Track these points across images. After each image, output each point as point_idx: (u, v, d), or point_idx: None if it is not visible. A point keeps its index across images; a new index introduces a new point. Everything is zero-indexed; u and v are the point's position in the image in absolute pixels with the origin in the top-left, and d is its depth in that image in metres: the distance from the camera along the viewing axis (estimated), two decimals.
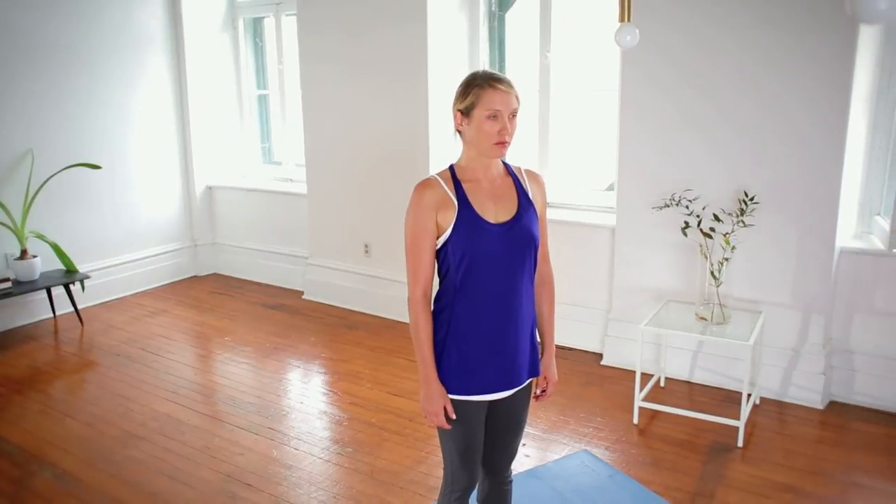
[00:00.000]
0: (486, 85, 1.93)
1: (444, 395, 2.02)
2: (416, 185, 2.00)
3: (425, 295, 2.01)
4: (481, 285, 1.97)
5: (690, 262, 3.89)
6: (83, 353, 4.64)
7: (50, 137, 5.14)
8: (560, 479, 3.08)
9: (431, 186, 1.97)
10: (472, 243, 1.94)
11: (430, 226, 1.96)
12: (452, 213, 1.95)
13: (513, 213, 2.00)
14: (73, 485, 3.10)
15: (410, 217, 1.99)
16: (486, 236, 1.95)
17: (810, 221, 3.58)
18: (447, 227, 1.95)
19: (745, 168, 3.68)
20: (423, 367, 2.02)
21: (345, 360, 4.42)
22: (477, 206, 1.96)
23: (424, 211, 1.96)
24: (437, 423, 2.04)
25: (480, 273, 1.96)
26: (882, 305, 3.59)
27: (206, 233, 6.30)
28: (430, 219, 1.95)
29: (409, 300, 2.01)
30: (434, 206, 1.95)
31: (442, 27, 4.67)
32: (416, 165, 4.73)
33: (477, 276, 1.96)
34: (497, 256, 1.96)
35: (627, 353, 4.12)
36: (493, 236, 1.96)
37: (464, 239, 1.94)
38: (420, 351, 2.02)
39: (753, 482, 3.02)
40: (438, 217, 1.95)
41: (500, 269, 1.98)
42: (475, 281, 1.97)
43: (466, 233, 1.94)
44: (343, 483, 3.09)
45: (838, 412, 3.63)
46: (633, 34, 2.14)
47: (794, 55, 3.45)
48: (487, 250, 1.95)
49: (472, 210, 1.95)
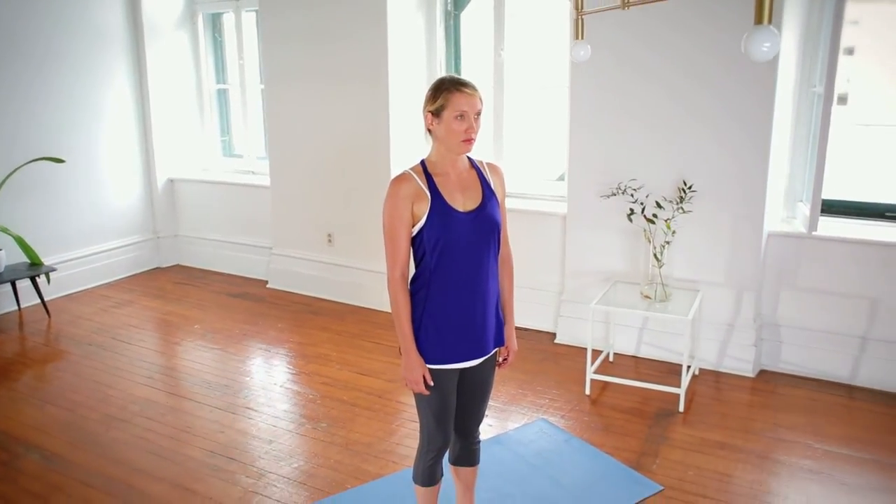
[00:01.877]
0: (454, 89, 2.19)
1: (423, 365, 2.28)
2: (392, 179, 2.25)
3: (403, 276, 2.26)
4: (453, 267, 2.23)
5: (635, 245, 4.23)
6: (55, 343, 4.74)
7: (11, 132, 5.19)
8: (521, 444, 3.38)
9: (406, 180, 2.22)
10: (444, 230, 2.20)
11: (405, 215, 2.21)
12: (426, 203, 2.20)
13: (478, 203, 2.27)
14: (62, 465, 3.26)
15: (388, 207, 2.23)
16: (455, 223, 2.21)
17: (741, 208, 3.95)
18: (422, 217, 2.20)
19: (684, 160, 4.03)
20: (404, 341, 2.27)
21: (312, 344, 4.63)
22: (447, 196, 2.22)
23: (400, 201, 2.20)
24: (417, 390, 2.30)
25: (452, 256, 2.22)
26: (805, 283, 4.00)
27: (168, 225, 6.40)
28: (405, 209, 2.20)
29: (389, 281, 2.26)
30: (409, 198, 2.20)
31: (401, 26, 4.90)
32: (378, 157, 4.95)
33: (449, 259, 2.22)
34: (466, 241, 2.23)
35: (579, 332, 4.44)
36: (461, 223, 2.22)
37: (437, 227, 2.20)
38: (400, 327, 2.27)
39: (693, 441, 3.38)
40: (414, 207, 2.20)
41: (469, 252, 2.24)
42: (447, 263, 2.23)
43: (439, 221, 2.20)
44: (321, 454, 3.32)
45: (767, 379, 4.02)
46: (586, 50, 2.45)
47: (725, 62, 3.80)
48: (457, 236, 2.21)
49: (444, 200, 2.21)
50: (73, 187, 5.64)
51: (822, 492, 2.99)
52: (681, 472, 3.12)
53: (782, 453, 3.28)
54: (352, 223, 5.27)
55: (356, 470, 3.19)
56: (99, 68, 5.71)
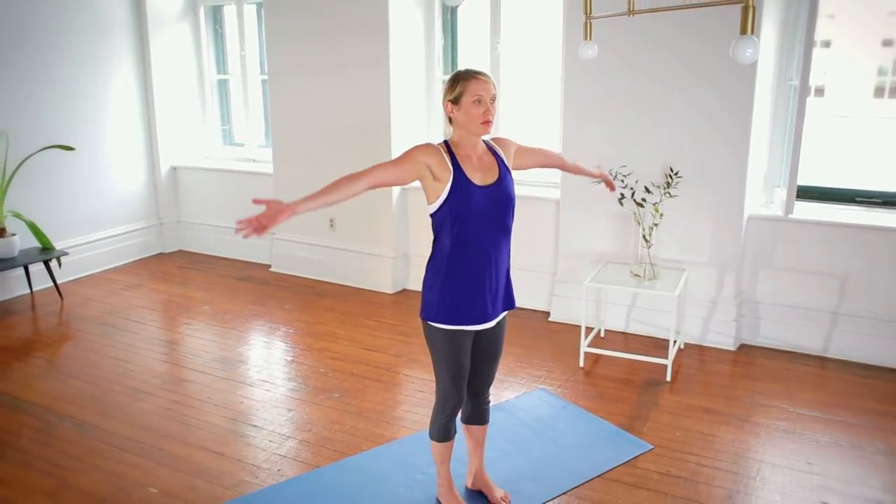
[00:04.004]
0: (471, 77, 2.47)
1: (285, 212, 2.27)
2: (421, 144, 2.49)
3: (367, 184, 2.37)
4: (471, 236, 2.49)
5: (625, 228, 4.52)
6: (71, 324, 4.94)
7: (23, 120, 5.36)
8: (522, 411, 3.66)
9: (433, 150, 2.47)
10: (465, 203, 2.46)
11: (414, 168, 2.43)
12: (448, 176, 2.44)
13: (495, 179, 2.53)
14: (94, 432, 3.48)
15: (411, 150, 2.46)
16: (474, 197, 2.47)
17: (724, 193, 4.24)
18: (442, 191, 2.44)
19: (671, 148, 4.31)
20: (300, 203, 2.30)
21: (319, 323, 4.88)
22: (468, 172, 2.48)
23: (420, 156, 2.44)
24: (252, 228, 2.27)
25: (470, 226, 2.48)
26: (781, 262, 4.31)
27: (172, 211, 6.59)
28: (419, 164, 2.43)
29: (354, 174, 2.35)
30: (426, 164, 2.43)
31: (401, 19, 5.14)
32: (380, 144, 5.19)
33: (468, 230, 2.48)
34: (483, 213, 2.49)
35: (571, 310, 4.73)
36: (480, 196, 2.48)
37: (458, 199, 2.45)
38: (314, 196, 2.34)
39: (679, 406, 3.68)
40: (434, 172, 2.43)
41: (486, 222, 2.50)
42: (466, 232, 2.48)
43: (460, 195, 2.45)
44: (337, 421, 3.58)
45: (746, 352, 4.33)
46: (594, 49, 2.72)
47: (710, 58, 4.09)
48: (476, 208, 2.47)
49: (465, 175, 2.47)
50: (80, 175, 5.82)
51: (796, 448, 3.30)
52: (669, 433, 3.41)
53: (760, 416, 3.59)
54: (353, 208, 5.48)
55: (371, 434, 3.45)
56: (105, 59, 5.88)
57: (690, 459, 3.20)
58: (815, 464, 3.17)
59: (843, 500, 2.92)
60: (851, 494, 2.95)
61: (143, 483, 3.07)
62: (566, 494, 2.98)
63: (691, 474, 3.09)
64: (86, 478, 3.11)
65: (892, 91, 10.26)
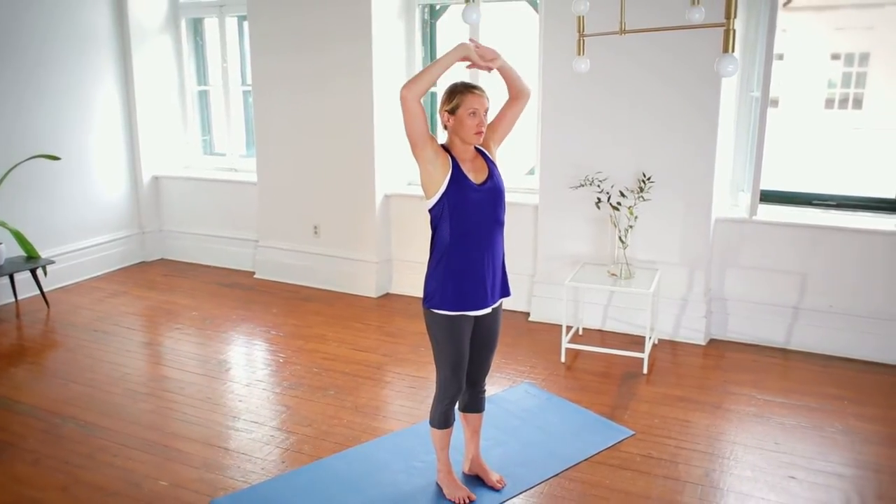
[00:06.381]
0: (467, 91, 2.70)
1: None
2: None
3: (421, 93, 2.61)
4: (468, 228, 2.73)
5: (601, 230, 4.78)
6: (62, 330, 5.00)
7: (6, 131, 5.42)
8: (509, 402, 3.87)
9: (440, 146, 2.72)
10: (462, 197, 2.70)
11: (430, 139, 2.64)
12: (447, 169, 2.68)
13: (486, 177, 2.77)
14: (99, 431, 3.59)
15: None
16: (469, 192, 2.71)
17: (692, 197, 4.53)
18: (441, 183, 2.67)
19: (644, 155, 4.58)
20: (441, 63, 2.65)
21: (307, 326, 5.03)
22: (464, 170, 2.71)
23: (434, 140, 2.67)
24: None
25: (467, 219, 2.72)
26: (746, 261, 4.60)
27: (153, 220, 6.67)
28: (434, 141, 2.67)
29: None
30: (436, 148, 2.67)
31: (384, 31, 5.35)
32: (363, 151, 5.38)
33: (465, 222, 2.72)
34: (479, 207, 2.73)
35: (551, 310, 4.96)
36: (474, 192, 2.73)
37: (455, 194, 2.69)
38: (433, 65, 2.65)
39: (656, 396, 3.93)
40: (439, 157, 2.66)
41: (482, 217, 2.75)
42: (463, 225, 2.72)
43: (457, 190, 2.69)
44: (334, 416, 3.74)
45: (716, 346, 4.62)
46: (586, 63, 2.97)
47: (679, 70, 4.38)
48: (471, 202, 2.71)
49: (462, 172, 2.70)
50: (64, 184, 5.88)
51: (764, 430, 3.57)
52: (648, 420, 3.66)
53: (731, 403, 3.86)
54: (337, 214, 5.68)
55: (368, 427, 3.63)
56: (89, 71, 5.97)
57: (669, 443, 3.45)
58: (781, 444, 3.44)
59: (807, 475, 3.19)
60: (815, 469, 3.23)
61: (153, 477, 3.20)
62: (556, 477, 3.19)
63: (671, 456, 3.34)
64: (96, 473, 3.23)
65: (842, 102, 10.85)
